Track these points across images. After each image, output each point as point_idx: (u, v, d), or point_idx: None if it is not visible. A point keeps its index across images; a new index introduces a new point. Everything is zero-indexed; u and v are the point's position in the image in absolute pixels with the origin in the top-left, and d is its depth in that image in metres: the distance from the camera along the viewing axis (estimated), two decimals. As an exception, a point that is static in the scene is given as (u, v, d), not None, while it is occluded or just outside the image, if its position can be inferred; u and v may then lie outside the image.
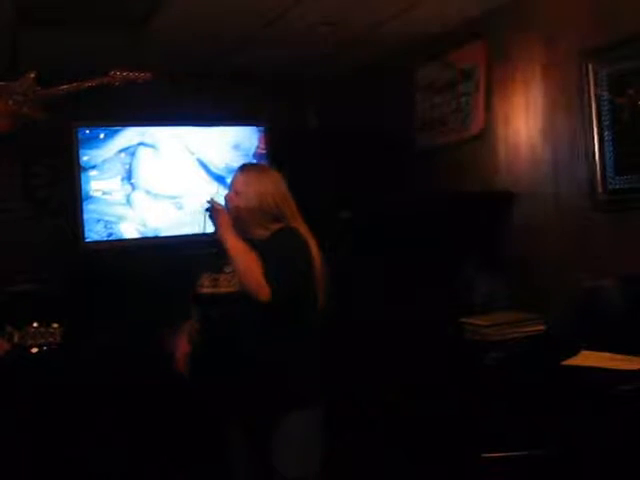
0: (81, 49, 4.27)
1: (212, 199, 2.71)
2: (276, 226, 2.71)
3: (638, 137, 3.32)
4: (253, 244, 2.63)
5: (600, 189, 3.49)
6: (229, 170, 5.09)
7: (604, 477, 2.61)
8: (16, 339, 2.52)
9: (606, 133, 3.46)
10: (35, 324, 2.55)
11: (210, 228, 2.69)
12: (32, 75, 2.94)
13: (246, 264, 2.54)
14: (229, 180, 2.90)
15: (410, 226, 3.61)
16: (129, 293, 4.42)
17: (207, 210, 2.67)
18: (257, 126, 5.37)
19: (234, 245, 2.59)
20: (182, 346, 2.82)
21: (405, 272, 3.84)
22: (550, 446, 2.75)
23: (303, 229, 2.71)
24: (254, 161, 5.11)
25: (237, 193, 2.76)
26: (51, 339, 2.54)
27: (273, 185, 2.77)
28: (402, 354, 3.73)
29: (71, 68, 3.54)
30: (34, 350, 2.52)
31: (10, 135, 2.99)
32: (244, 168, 2.92)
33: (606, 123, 3.46)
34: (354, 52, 4.93)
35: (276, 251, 2.58)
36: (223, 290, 2.66)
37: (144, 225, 5.01)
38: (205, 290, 2.72)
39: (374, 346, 3.94)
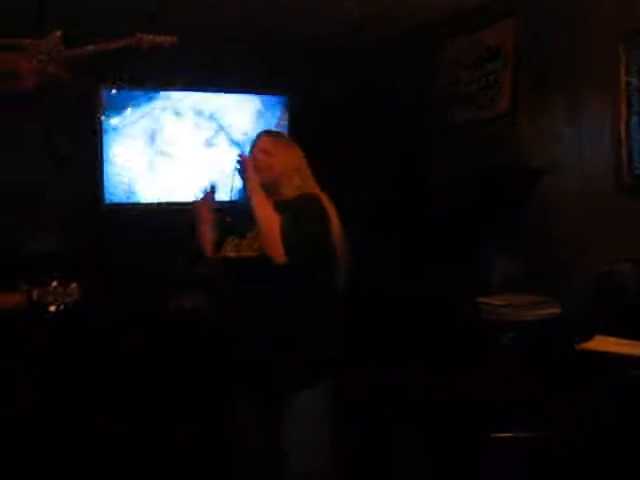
0: (108, 11, 4.25)
1: (242, 155, 2.72)
2: (297, 191, 2.71)
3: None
4: (275, 206, 2.64)
5: (625, 173, 3.46)
6: (250, 139, 5.06)
7: (614, 459, 2.61)
8: (35, 297, 2.53)
9: (634, 118, 3.42)
10: (54, 283, 2.57)
11: (238, 184, 2.71)
12: (58, 34, 2.94)
13: (268, 224, 2.54)
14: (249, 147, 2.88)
15: (433, 203, 3.60)
16: (147, 255, 4.44)
17: (237, 164, 2.68)
18: (280, 95, 5.35)
19: (260, 203, 2.59)
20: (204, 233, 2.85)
21: (425, 250, 3.83)
22: (561, 428, 2.75)
23: (326, 200, 2.71)
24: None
25: (266, 153, 2.76)
26: (69, 298, 2.56)
27: (297, 153, 2.80)
28: (417, 332, 3.74)
29: (97, 29, 3.54)
30: (52, 308, 2.54)
31: (35, 93, 2.98)
32: (270, 132, 2.95)
33: (635, 108, 3.42)
34: (381, 25, 4.89)
35: (294, 214, 2.57)
36: (245, 254, 2.66)
37: (163, 189, 5.01)
38: (228, 254, 2.73)
39: (389, 323, 3.95)
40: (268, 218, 2.56)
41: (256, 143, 2.83)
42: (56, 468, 3.61)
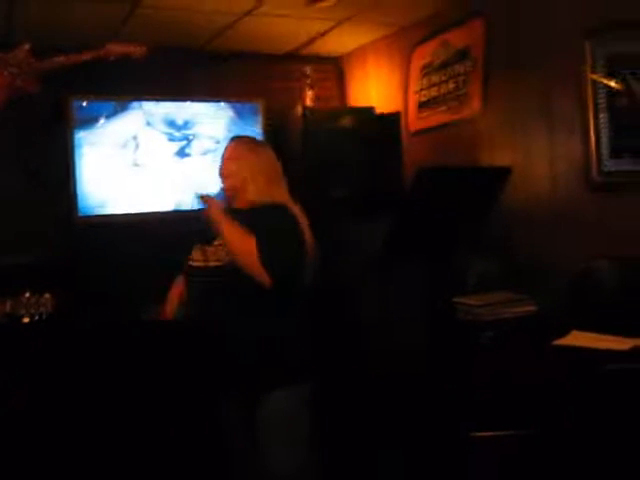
0: (77, 22, 4.23)
1: (200, 194, 2.72)
2: (266, 199, 2.70)
3: (633, 120, 3.32)
4: (243, 214, 2.64)
5: (595, 171, 3.50)
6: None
7: (593, 456, 2.62)
8: (8, 308, 2.52)
9: (601, 115, 3.46)
10: (27, 294, 2.55)
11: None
12: (27, 47, 2.93)
13: (243, 250, 2.54)
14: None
15: (403, 203, 3.60)
16: (120, 266, 4.42)
17: (199, 203, 2.70)
18: (253, 103, 5.35)
19: (228, 230, 2.59)
20: (172, 298, 2.85)
21: (398, 251, 3.83)
22: (539, 425, 2.76)
23: (294, 207, 2.71)
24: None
25: (230, 159, 2.77)
26: (43, 309, 2.55)
27: (266, 157, 2.80)
28: (395, 332, 3.75)
29: (66, 41, 3.53)
30: (26, 320, 2.53)
31: (4, 107, 2.97)
32: (238, 138, 2.94)
33: (602, 106, 3.46)
34: (350, 31, 4.91)
35: (271, 231, 2.57)
36: (212, 264, 2.65)
37: (136, 200, 4.99)
38: (195, 263, 2.72)
39: (366, 323, 3.95)
40: (242, 243, 2.55)
41: (225, 151, 2.84)
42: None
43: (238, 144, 2.84)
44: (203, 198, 2.69)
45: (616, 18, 3.33)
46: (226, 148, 2.84)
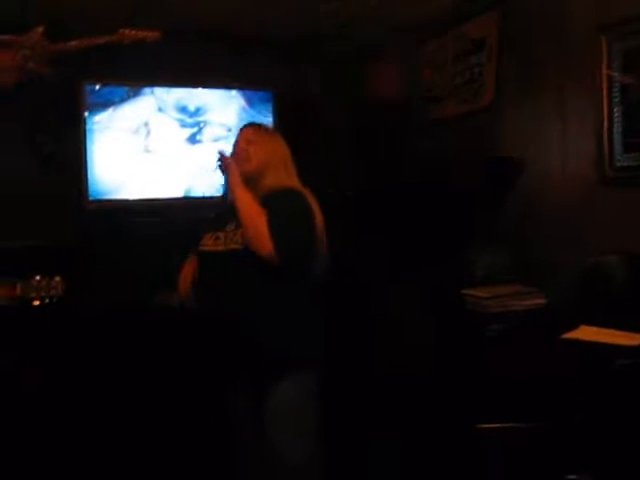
0: (91, 5, 4.23)
1: (222, 151, 2.72)
2: (280, 184, 2.70)
3: (647, 115, 3.31)
4: (258, 198, 2.63)
5: (607, 165, 3.48)
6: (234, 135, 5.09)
7: (601, 450, 2.62)
8: (18, 291, 2.53)
9: (615, 110, 3.44)
10: (37, 277, 2.56)
11: (220, 180, 2.72)
12: (40, 30, 2.93)
13: (253, 216, 2.53)
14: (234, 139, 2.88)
15: (415, 195, 3.61)
16: (130, 251, 4.43)
17: (218, 160, 2.68)
18: (265, 92, 5.35)
19: (242, 196, 2.59)
20: (186, 274, 2.82)
21: (409, 243, 3.84)
22: (547, 418, 2.76)
23: (309, 195, 2.70)
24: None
25: (249, 142, 2.76)
26: (53, 292, 2.55)
27: (283, 146, 2.81)
28: (404, 325, 3.74)
29: (80, 24, 3.53)
30: (36, 302, 2.53)
31: (17, 91, 2.97)
32: (255, 124, 2.94)
33: (616, 100, 3.44)
34: (365, 22, 4.89)
35: (283, 209, 2.57)
36: (222, 248, 2.65)
37: (147, 185, 5.00)
38: (206, 248, 2.72)
39: (375, 316, 3.95)
40: (252, 212, 2.55)
41: (240, 134, 2.83)
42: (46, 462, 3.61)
43: (257, 130, 2.84)
44: (222, 155, 2.69)
45: (632, 13, 3.30)
46: (243, 132, 2.83)
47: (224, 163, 2.67)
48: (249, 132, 2.81)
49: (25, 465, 3.54)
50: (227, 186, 2.67)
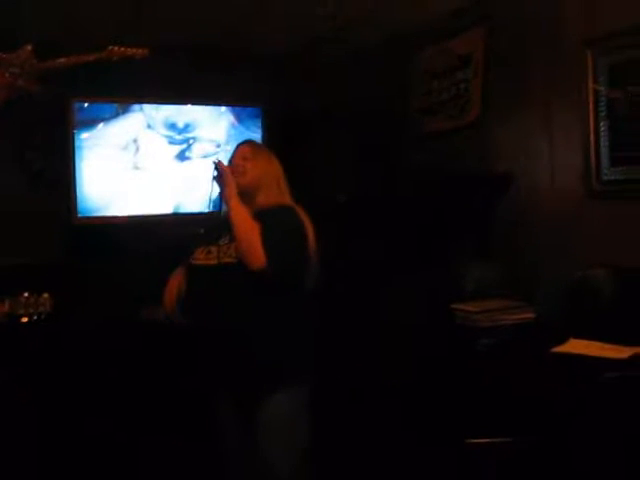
0: (81, 23, 4.24)
1: (219, 161, 2.72)
2: (273, 202, 2.73)
3: (633, 129, 3.32)
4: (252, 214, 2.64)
5: (594, 179, 3.50)
6: (223, 152, 5.12)
7: (591, 464, 2.62)
8: (7, 308, 2.52)
9: (602, 124, 3.46)
10: (26, 294, 2.55)
11: (215, 191, 2.72)
12: (29, 48, 2.94)
13: (247, 229, 2.55)
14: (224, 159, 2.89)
15: (404, 210, 3.62)
16: (119, 268, 4.42)
17: (214, 170, 2.69)
18: (254, 108, 5.36)
19: (237, 208, 2.61)
20: (171, 288, 2.82)
21: (398, 256, 3.84)
22: (536, 432, 2.76)
23: (300, 210, 2.72)
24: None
25: (245, 159, 2.78)
26: (41, 309, 2.55)
27: (276, 164, 2.85)
28: (392, 338, 3.74)
29: (69, 42, 3.53)
30: (24, 319, 2.53)
31: (5, 108, 2.97)
32: (251, 141, 3.00)
33: (602, 114, 3.46)
34: (353, 36, 4.91)
35: (277, 224, 2.59)
36: (214, 262, 2.66)
37: (136, 203, 5.00)
38: (198, 262, 2.72)
39: (363, 330, 3.95)
40: (246, 223, 2.57)
41: (236, 151, 2.86)
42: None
43: (253, 147, 2.88)
44: (219, 166, 2.69)
45: (617, 27, 3.33)
46: (239, 149, 2.86)
47: (221, 172, 2.68)
48: (245, 149, 2.84)
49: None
50: (222, 197, 2.68)
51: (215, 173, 2.69)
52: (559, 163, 3.74)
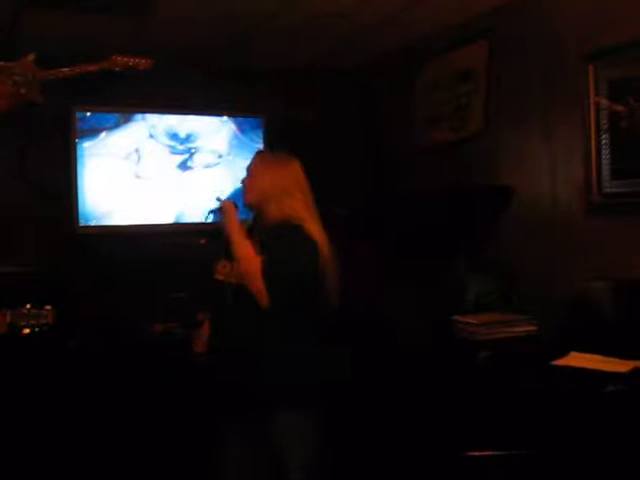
0: (83, 33, 4.24)
1: (220, 198, 2.73)
2: (285, 217, 2.66)
3: (634, 142, 3.33)
4: (265, 231, 2.65)
5: (595, 192, 3.51)
6: (227, 161, 5.13)
7: (591, 477, 2.61)
8: (8, 320, 2.51)
9: (603, 137, 3.47)
10: (28, 306, 2.55)
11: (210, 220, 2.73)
12: (32, 57, 2.93)
13: (249, 267, 2.55)
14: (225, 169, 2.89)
15: (405, 222, 3.62)
16: (120, 277, 4.42)
17: (217, 206, 2.70)
18: (256, 118, 5.37)
19: (240, 243, 2.60)
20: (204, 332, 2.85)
21: (399, 269, 3.84)
22: (537, 445, 2.75)
23: (314, 226, 2.66)
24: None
25: (250, 174, 2.77)
26: (43, 321, 2.54)
27: (287, 173, 2.74)
28: (392, 352, 3.73)
29: (72, 51, 3.54)
30: (26, 331, 2.52)
31: (7, 117, 2.98)
32: (260, 153, 3.01)
33: (603, 127, 3.47)
34: (356, 49, 4.93)
35: (279, 250, 2.56)
36: (234, 280, 2.66)
37: (138, 211, 5.00)
38: (219, 277, 2.73)
39: (364, 343, 3.94)
40: (249, 261, 2.55)
41: (250, 162, 2.83)
42: None
43: (260, 160, 2.83)
44: (222, 202, 2.71)
45: (618, 42, 3.34)
46: (251, 161, 2.83)
47: (223, 209, 2.69)
48: (253, 162, 2.81)
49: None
50: (225, 231, 2.67)
51: (216, 207, 2.71)
52: (560, 176, 3.74)
